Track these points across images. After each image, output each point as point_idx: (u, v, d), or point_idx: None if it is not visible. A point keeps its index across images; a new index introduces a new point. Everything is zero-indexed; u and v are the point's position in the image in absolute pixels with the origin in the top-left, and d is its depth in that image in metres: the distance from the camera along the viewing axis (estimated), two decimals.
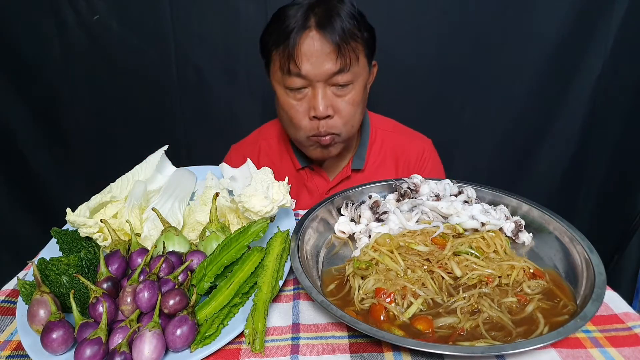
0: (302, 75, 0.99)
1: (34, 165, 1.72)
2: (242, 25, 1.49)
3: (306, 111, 1.04)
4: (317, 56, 0.98)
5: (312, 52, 0.97)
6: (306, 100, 1.03)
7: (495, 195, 0.90)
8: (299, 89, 1.02)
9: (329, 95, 1.02)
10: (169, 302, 0.59)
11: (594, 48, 1.49)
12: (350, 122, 1.07)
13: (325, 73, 0.99)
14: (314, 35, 0.98)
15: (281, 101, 1.07)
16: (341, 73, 1.00)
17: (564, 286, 0.68)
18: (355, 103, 1.05)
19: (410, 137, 1.27)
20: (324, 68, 0.98)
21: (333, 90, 1.02)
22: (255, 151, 1.26)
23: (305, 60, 0.98)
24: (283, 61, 1.00)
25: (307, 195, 1.22)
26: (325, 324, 0.63)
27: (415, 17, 1.48)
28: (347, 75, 1.01)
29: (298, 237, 0.75)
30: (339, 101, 1.03)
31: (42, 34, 1.52)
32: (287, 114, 1.07)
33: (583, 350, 0.56)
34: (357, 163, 1.20)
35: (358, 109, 1.07)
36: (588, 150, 1.64)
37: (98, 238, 0.74)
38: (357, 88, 1.04)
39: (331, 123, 1.04)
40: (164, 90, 1.59)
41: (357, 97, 1.05)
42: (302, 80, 1.01)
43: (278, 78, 1.05)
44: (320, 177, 1.21)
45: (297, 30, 0.97)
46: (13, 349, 0.61)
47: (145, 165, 0.89)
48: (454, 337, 0.58)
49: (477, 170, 1.68)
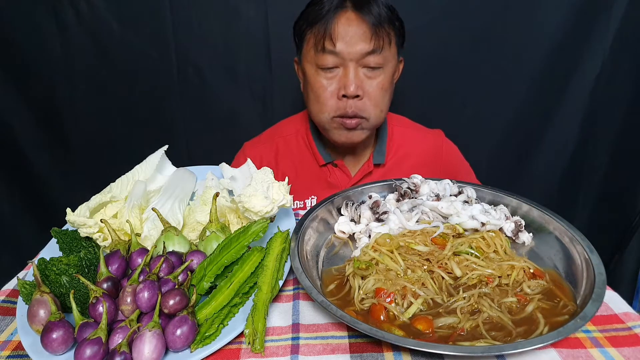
0: (335, 52, 1.02)
1: (34, 165, 1.71)
2: (242, 25, 1.49)
3: (335, 91, 1.06)
4: (352, 35, 1.01)
5: (347, 30, 1.01)
6: (336, 80, 1.06)
7: (495, 195, 0.90)
8: (330, 68, 1.05)
9: (360, 76, 1.05)
10: (169, 302, 0.59)
11: (593, 48, 1.49)
12: (379, 106, 1.08)
13: (359, 52, 1.02)
14: (350, 15, 1.02)
15: (311, 81, 1.09)
16: (373, 54, 1.03)
17: (564, 286, 0.68)
18: (384, 88, 1.07)
19: (422, 133, 1.30)
20: (357, 47, 1.01)
21: (364, 71, 1.05)
22: (272, 149, 1.26)
23: (341, 38, 1.01)
24: (318, 39, 1.03)
25: (328, 191, 1.21)
26: (325, 324, 0.63)
27: (415, 17, 1.47)
28: (379, 58, 1.03)
29: (298, 237, 0.75)
30: (368, 83, 1.06)
31: (42, 34, 1.52)
32: (316, 93, 1.09)
33: (583, 350, 0.56)
34: (378, 158, 1.21)
35: (386, 95, 1.09)
36: (588, 150, 1.64)
37: (98, 238, 0.74)
38: (386, 73, 1.07)
39: (360, 104, 1.06)
40: (164, 90, 1.59)
41: (386, 82, 1.07)
42: (335, 59, 1.03)
43: (310, 57, 1.08)
44: (342, 173, 1.22)
45: (334, 9, 1.02)
46: (13, 349, 0.61)
47: (145, 165, 0.89)
48: (454, 337, 0.58)
49: (476, 170, 1.68)
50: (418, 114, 1.49)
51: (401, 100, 1.52)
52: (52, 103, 1.62)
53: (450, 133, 1.58)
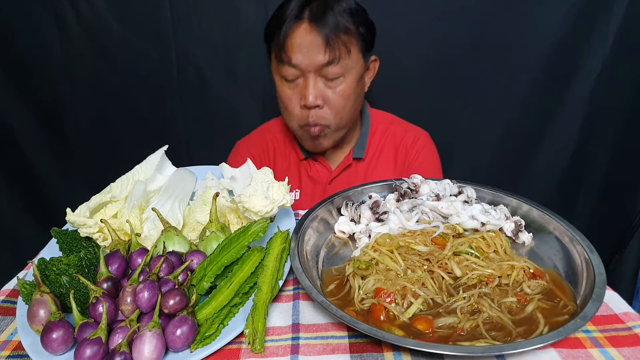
0: (293, 64, 1.03)
1: (34, 165, 1.71)
2: (242, 25, 1.49)
3: (298, 100, 1.07)
4: (308, 47, 1.00)
5: (303, 43, 1.00)
6: (299, 90, 1.06)
7: (495, 195, 0.90)
8: (292, 80, 1.06)
9: (319, 86, 1.05)
10: (169, 302, 0.59)
11: (593, 48, 1.49)
12: (340, 114, 1.09)
13: (315, 64, 1.02)
14: (305, 27, 1.01)
15: (278, 91, 1.11)
16: (331, 65, 1.02)
17: (564, 286, 0.68)
18: (346, 95, 1.07)
19: (406, 127, 1.30)
20: (313, 59, 1.01)
21: (324, 81, 1.05)
22: (263, 145, 1.29)
23: (297, 50, 1.01)
24: (277, 51, 1.04)
25: (310, 185, 1.24)
26: (325, 324, 0.63)
27: (415, 17, 1.48)
28: (337, 68, 1.03)
29: (298, 237, 0.75)
30: (329, 92, 1.06)
31: (42, 34, 1.52)
32: (283, 102, 1.11)
33: (583, 350, 0.56)
34: (358, 152, 1.22)
35: (349, 102, 1.08)
36: (588, 150, 1.63)
37: (98, 238, 0.74)
38: (348, 81, 1.06)
39: (320, 113, 1.07)
40: (164, 90, 1.59)
41: (348, 89, 1.06)
42: (294, 70, 1.04)
43: (274, 68, 1.09)
44: (322, 167, 1.24)
45: (290, 21, 1.01)
46: (13, 349, 0.61)
47: (145, 165, 0.89)
48: (454, 337, 0.58)
49: (477, 170, 1.68)
50: (418, 114, 1.48)
51: (401, 100, 1.53)
52: (52, 103, 1.62)
53: (450, 134, 1.59)
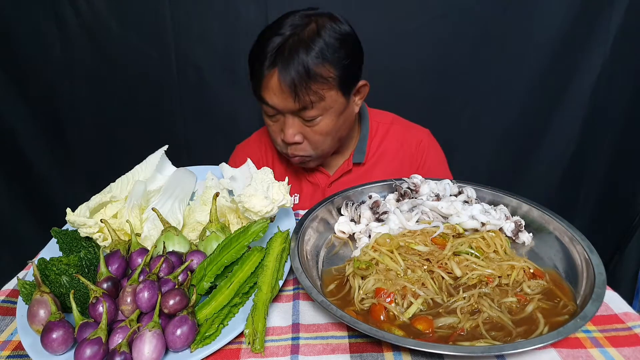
0: (270, 106, 1.03)
1: (34, 165, 1.72)
2: (242, 26, 1.49)
3: (279, 133, 1.08)
4: (280, 93, 0.99)
5: (275, 88, 0.99)
6: (279, 124, 1.07)
7: (495, 195, 0.90)
8: (272, 115, 1.06)
9: (297, 125, 1.04)
10: (169, 302, 0.59)
11: (593, 48, 1.49)
12: (321, 147, 1.09)
13: (289, 108, 1.01)
14: (275, 74, 0.98)
15: (263, 118, 1.11)
16: (304, 110, 1.01)
17: (564, 286, 0.68)
18: (324, 133, 1.06)
19: (407, 128, 1.28)
20: (286, 104, 1.00)
21: (301, 120, 1.04)
22: (262, 149, 1.28)
23: (272, 94, 1.00)
24: (255, 89, 1.05)
25: (309, 189, 1.24)
26: (325, 324, 0.63)
27: (415, 17, 1.48)
28: (313, 112, 1.02)
29: (298, 237, 0.75)
30: (308, 130, 1.05)
31: (42, 34, 1.52)
32: (267, 129, 1.12)
33: (583, 350, 0.56)
34: (358, 157, 1.21)
35: (329, 136, 1.08)
36: (588, 150, 1.64)
37: (98, 238, 0.74)
38: (326, 120, 1.04)
39: (300, 147, 1.08)
40: (164, 90, 1.59)
41: (327, 127, 1.05)
42: (272, 109, 1.04)
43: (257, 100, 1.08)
44: (320, 173, 1.23)
45: (265, 66, 0.99)
46: (13, 349, 0.61)
47: (145, 165, 0.89)
48: (454, 337, 0.58)
49: (477, 170, 1.68)
50: (418, 115, 1.48)
51: (401, 100, 1.53)
52: (52, 103, 1.62)
53: (450, 135, 1.58)
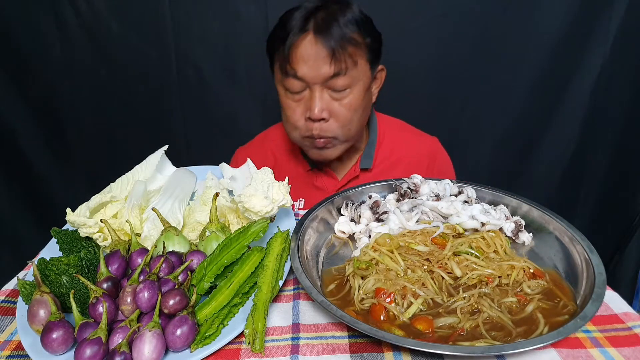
0: (298, 77, 1.01)
1: (34, 165, 1.72)
2: (242, 26, 1.49)
3: (303, 112, 1.05)
4: (313, 59, 0.98)
5: (308, 55, 0.98)
6: (304, 102, 1.04)
7: (495, 195, 0.90)
8: (297, 92, 1.03)
9: (325, 99, 1.03)
10: (169, 302, 0.59)
11: (594, 48, 1.49)
12: (347, 126, 1.07)
13: (321, 76, 1.00)
14: (310, 39, 0.98)
15: (282, 102, 1.09)
16: (337, 77, 1.00)
17: (564, 286, 0.68)
18: (353, 107, 1.05)
19: (416, 136, 1.27)
20: (319, 71, 0.99)
21: (330, 93, 1.03)
22: (262, 153, 1.27)
23: (302, 62, 0.99)
24: (282, 63, 1.02)
25: (316, 195, 1.22)
26: (325, 324, 0.63)
27: (415, 18, 1.48)
28: (344, 80, 1.01)
29: (298, 237, 0.75)
30: (335, 105, 1.04)
31: (42, 34, 1.52)
32: (286, 114, 1.09)
33: (583, 350, 0.56)
34: (366, 162, 1.20)
35: (356, 114, 1.06)
36: (588, 150, 1.64)
37: (98, 238, 0.74)
38: (355, 92, 1.04)
39: (325, 126, 1.05)
40: (164, 90, 1.59)
41: (356, 101, 1.04)
42: (299, 83, 1.02)
43: (279, 79, 1.07)
44: (328, 177, 1.22)
45: (295, 33, 0.99)
46: (13, 349, 0.61)
47: (145, 165, 0.89)
48: (454, 337, 0.58)
49: (477, 170, 1.68)
50: (418, 115, 1.49)
51: (401, 101, 1.53)
52: (52, 103, 1.62)
53: (450, 133, 1.59)
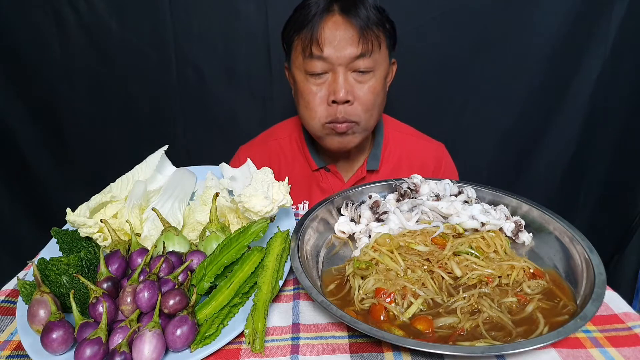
0: (323, 58, 1.00)
1: (34, 165, 1.71)
2: (242, 26, 1.49)
3: (325, 97, 1.04)
4: (340, 39, 0.99)
5: (334, 35, 0.99)
6: (326, 86, 1.04)
7: (495, 195, 0.90)
8: (319, 74, 1.03)
9: (349, 81, 1.03)
10: (169, 302, 0.59)
11: (593, 48, 1.49)
12: (370, 111, 1.06)
13: (347, 56, 1.00)
14: (337, 19, 0.99)
15: (301, 87, 1.07)
16: (363, 58, 1.00)
17: (564, 286, 0.68)
18: (376, 91, 1.05)
19: (424, 142, 1.27)
20: (346, 51, 0.99)
21: (354, 76, 1.03)
22: (265, 152, 1.25)
23: (328, 43, 0.99)
24: (305, 45, 1.01)
25: (320, 195, 1.21)
26: (325, 324, 0.63)
27: (415, 18, 1.48)
28: (369, 61, 1.01)
29: (298, 237, 0.75)
30: (359, 87, 1.03)
31: (42, 34, 1.52)
32: (306, 99, 1.06)
33: (583, 350, 0.56)
34: (372, 164, 1.19)
35: (378, 98, 1.06)
36: (588, 150, 1.64)
37: (98, 238, 0.74)
38: (377, 76, 1.04)
39: (350, 109, 1.04)
40: (164, 90, 1.58)
41: (378, 85, 1.05)
42: (323, 64, 1.01)
43: (299, 64, 1.05)
44: (335, 178, 1.21)
45: (320, 14, 0.99)
46: (13, 349, 0.61)
47: (145, 165, 0.89)
48: (454, 337, 0.58)
49: (477, 170, 1.68)
50: (419, 115, 1.49)
51: (402, 101, 1.53)
52: (52, 103, 1.62)
53: (450, 135, 1.59)
